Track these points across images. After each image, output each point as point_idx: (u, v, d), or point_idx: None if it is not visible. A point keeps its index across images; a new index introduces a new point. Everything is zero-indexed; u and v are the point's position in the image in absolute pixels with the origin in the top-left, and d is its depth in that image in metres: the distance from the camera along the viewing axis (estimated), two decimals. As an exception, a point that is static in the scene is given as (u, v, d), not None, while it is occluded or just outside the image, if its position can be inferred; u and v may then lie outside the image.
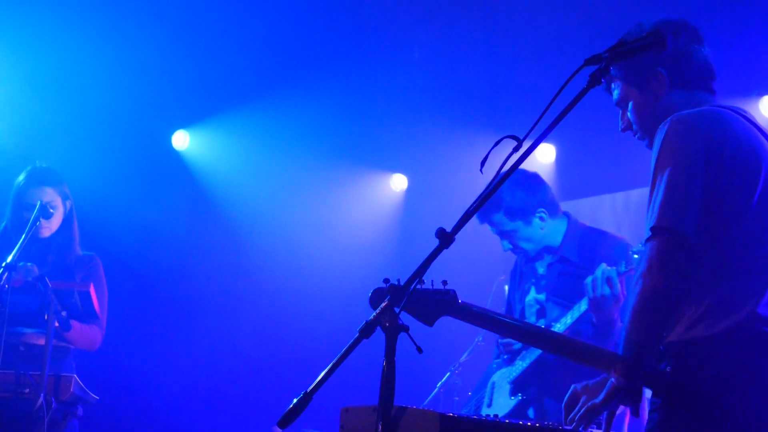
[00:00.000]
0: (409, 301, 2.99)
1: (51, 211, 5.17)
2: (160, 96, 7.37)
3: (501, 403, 4.75)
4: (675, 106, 3.01)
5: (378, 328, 2.52)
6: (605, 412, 2.80)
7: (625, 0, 6.27)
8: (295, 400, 2.46)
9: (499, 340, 5.01)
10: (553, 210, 4.91)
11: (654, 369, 2.80)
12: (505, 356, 4.91)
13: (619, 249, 4.56)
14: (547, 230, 4.87)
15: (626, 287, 4.31)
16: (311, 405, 2.48)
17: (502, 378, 4.81)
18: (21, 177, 5.34)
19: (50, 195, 5.22)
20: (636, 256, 4.24)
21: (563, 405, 2.94)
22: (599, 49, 2.77)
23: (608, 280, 4.26)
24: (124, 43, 6.90)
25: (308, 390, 2.47)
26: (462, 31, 7.01)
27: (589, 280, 4.33)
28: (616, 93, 3.19)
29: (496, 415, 3.22)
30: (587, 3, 6.42)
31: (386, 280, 2.97)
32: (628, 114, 3.19)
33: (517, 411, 4.69)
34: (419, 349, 2.57)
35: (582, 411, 2.81)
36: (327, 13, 7.04)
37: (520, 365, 4.72)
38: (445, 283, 3.24)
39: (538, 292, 4.87)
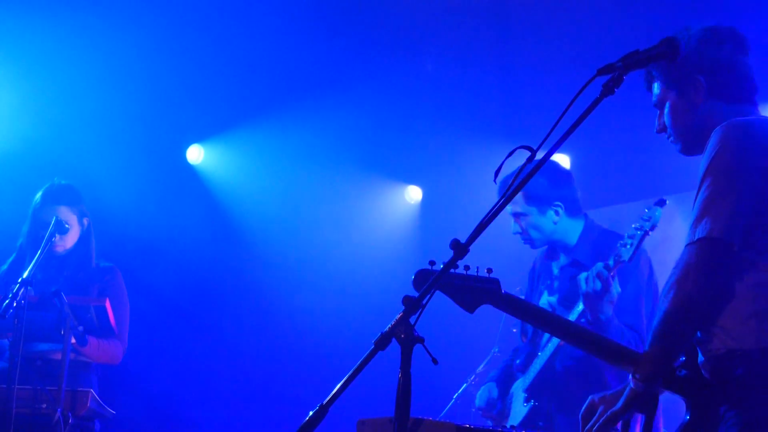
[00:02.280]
0: (451, 286, 2.99)
1: (66, 226, 5.20)
2: (175, 110, 7.39)
3: (516, 412, 4.74)
4: (714, 116, 3.00)
5: (393, 339, 2.52)
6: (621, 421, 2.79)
7: (637, 9, 6.26)
8: (311, 413, 2.46)
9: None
10: (572, 208, 4.88)
11: (684, 373, 2.79)
12: (517, 362, 4.90)
13: None
14: (561, 226, 4.82)
15: (618, 281, 4.29)
16: (327, 417, 2.47)
17: (518, 387, 4.80)
18: (38, 195, 5.37)
19: (65, 214, 5.25)
20: (624, 248, 4.22)
21: (580, 416, 2.93)
22: (614, 58, 2.76)
23: (598, 275, 4.23)
24: (140, 58, 6.93)
25: (324, 402, 2.47)
26: (475, 43, 7.02)
27: (582, 275, 4.32)
28: (654, 94, 3.17)
29: (513, 426, 3.21)
30: (601, 13, 6.41)
31: (432, 262, 2.96)
32: (665, 116, 3.16)
33: (530, 417, 4.65)
34: (435, 361, 2.57)
35: (601, 420, 2.80)
36: (341, 26, 7.06)
37: (533, 372, 4.70)
38: (489, 271, 3.20)
39: (550, 294, 4.85)
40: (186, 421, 7.62)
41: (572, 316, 4.47)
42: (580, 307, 4.38)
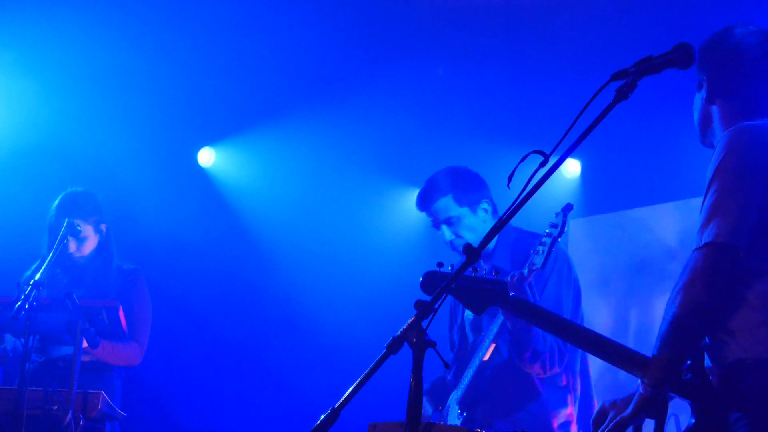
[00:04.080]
0: (459, 288, 2.99)
1: (78, 228, 5.21)
2: (186, 113, 7.41)
3: (452, 424, 4.70)
4: (718, 118, 3.02)
5: (405, 343, 2.52)
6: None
7: (649, 15, 6.25)
8: (322, 416, 2.46)
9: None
10: (494, 208, 4.86)
11: (690, 377, 2.79)
12: (449, 376, 4.84)
13: None
14: (488, 227, 4.79)
15: (534, 289, 4.27)
16: (339, 421, 2.48)
17: (452, 400, 4.73)
18: (53, 206, 5.39)
19: (79, 224, 5.25)
20: (537, 255, 4.20)
21: (591, 421, 2.93)
22: (626, 63, 2.76)
23: (515, 283, 4.19)
24: (151, 61, 6.95)
25: (336, 406, 2.47)
26: (487, 47, 7.01)
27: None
28: None
29: (523, 430, 3.21)
30: (614, 18, 6.40)
31: (440, 264, 2.95)
32: None
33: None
34: (446, 365, 2.57)
35: (611, 425, 2.79)
36: (351, 29, 7.06)
37: (463, 384, 4.63)
38: (497, 273, 3.20)
39: None
40: (198, 424, 7.63)
41: (495, 327, 4.43)
42: (502, 317, 4.36)
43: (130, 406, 5.35)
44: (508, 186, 2.75)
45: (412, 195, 8.52)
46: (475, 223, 4.77)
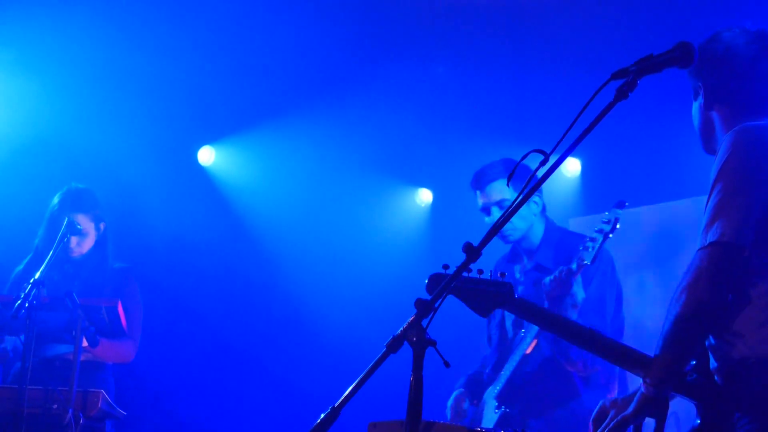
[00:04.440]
0: (464, 290, 2.99)
1: (78, 227, 5.21)
2: (186, 112, 7.41)
3: (488, 419, 4.70)
4: (718, 123, 3.02)
5: (405, 342, 2.52)
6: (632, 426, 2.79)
7: (650, 13, 6.25)
8: (322, 415, 2.46)
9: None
10: (545, 206, 4.88)
11: (694, 378, 2.79)
12: (487, 370, 4.87)
13: None
14: (535, 222, 4.81)
15: (581, 285, 4.29)
16: (339, 420, 2.48)
17: (489, 395, 4.77)
18: (55, 199, 5.40)
19: (82, 220, 5.27)
20: (587, 251, 4.20)
21: (591, 420, 2.93)
22: (627, 62, 2.76)
23: (562, 279, 4.24)
24: (151, 59, 6.94)
25: (336, 405, 2.47)
26: (487, 46, 7.01)
27: (546, 279, 4.31)
28: None
29: (523, 430, 3.21)
30: (614, 16, 6.40)
31: (446, 266, 2.96)
32: None
33: (501, 424, 4.62)
34: (447, 364, 2.57)
35: (612, 424, 2.79)
36: (351, 28, 7.05)
37: (502, 379, 4.67)
38: (502, 275, 3.20)
39: None
40: (197, 423, 7.63)
41: None
42: None
43: (129, 405, 5.34)
44: (508, 184, 2.75)
45: (413, 194, 8.58)
46: (526, 213, 4.79)
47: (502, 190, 4.81)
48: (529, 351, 4.55)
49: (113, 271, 5.47)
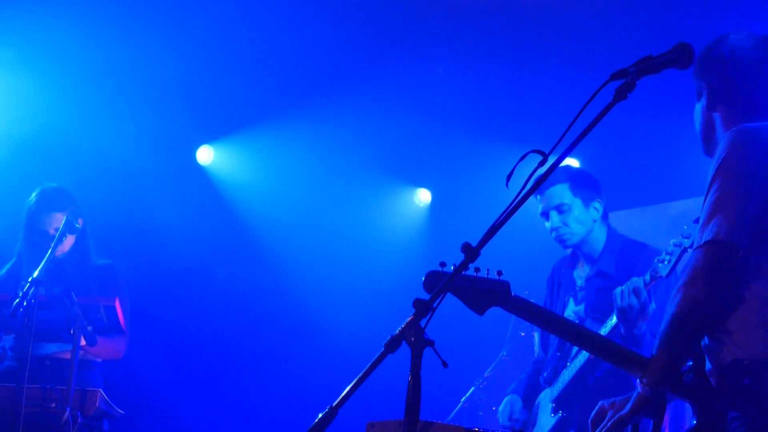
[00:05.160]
0: (461, 288, 2.99)
1: (77, 226, 5.20)
2: (185, 111, 7.40)
3: (543, 422, 4.67)
4: (720, 124, 3.02)
5: (403, 342, 2.52)
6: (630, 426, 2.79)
7: (650, 13, 6.25)
8: (320, 415, 2.46)
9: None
10: (606, 212, 4.85)
11: (690, 378, 2.79)
12: (545, 374, 4.86)
13: None
14: (595, 228, 4.77)
15: (653, 297, 4.27)
16: (337, 419, 2.48)
17: (545, 398, 4.74)
18: (32, 201, 5.37)
19: (60, 220, 5.23)
20: (662, 263, 4.18)
21: (590, 420, 2.93)
22: (626, 62, 2.76)
23: (635, 291, 4.19)
24: (150, 59, 6.94)
25: (334, 404, 2.47)
26: (486, 47, 7.01)
27: (618, 290, 4.27)
28: None
29: (521, 430, 3.21)
30: (614, 17, 6.40)
31: (442, 264, 2.96)
32: None
33: (558, 428, 4.61)
34: (444, 364, 2.57)
35: (609, 424, 2.80)
36: (351, 29, 7.05)
37: (561, 384, 4.64)
38: (500, 273, 3.20)
39: (576, 304, 4.77)
40: (193, 422, 7.63)
41: (604, 330, 4.41)
42: (614, 320, 4.33)
43: (129, 404, 5.35)
44: (506, 185, 2.75)
45: (411, 194, 8.59)
46: (585, 218, 4.76)
47: (562, 195, 4.76)
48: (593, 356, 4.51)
49: (96, 268, 5.44)
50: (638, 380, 2.77)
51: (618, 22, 6.42)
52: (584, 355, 4.55)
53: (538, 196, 4.85)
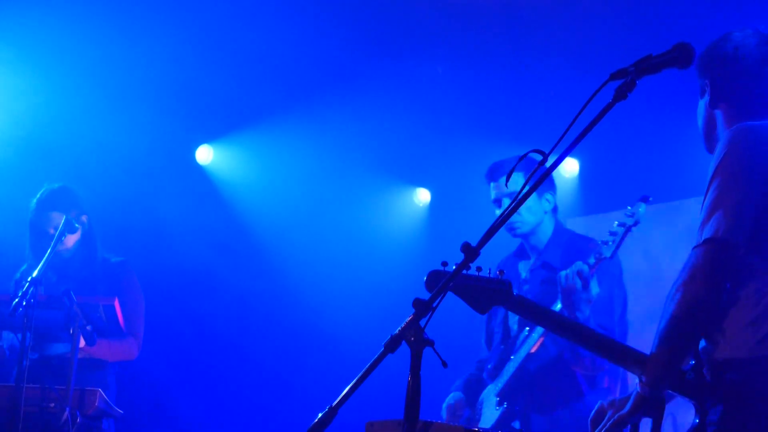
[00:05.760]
0: (463, 287, 3.01)
1: (76, 226, 5.21)
2: (184, 110, 7.40)
3: (487, 416, 4.69)
4: (722, 121, 3.03)
5: (403, 342, 2.52)
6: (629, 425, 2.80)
7: (650, 14, 6.25)
8: (320, 415, 2.46)
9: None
10: (557, 206, 4.89)
11: (692, 376, 2.79)
12: (489, 366, 4.86)
13: None
14: (545, 220, 4.81)
15: (598, 280, 4.30)
16: (336, 419, 2.47)
17: (489, 393, 4.76)
18: (33, 202, 5.39)
19: (59, 219, 5.23)
20: (606, 245, 4.21)
21: (589, 420, 2.94)
22: (626, 62, 2.76)
23: (579, 273, 4.22)
24: (149, 58, 6.94)
25: (333, 404, 2.47)
26: (486, 46, 7.01)
27: (562, 273, 4.31)
28: None
29: (520, 430, 3.21)
30: (614, 16, 6.40)
31: (444, 263, 2.97)
32: None
33: (503, 420, 4.62)
34: (444, 364, 2.57)
35: (608, 424, 2.80)
36: (350, 28, 7.05)
37: (505, 376, 4.66)
38: (501, 273, 3.22)
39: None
40: (195, 421, 7.64)
41: None
42: (558, 306, 4.35)
43: (128, 403, 5.34)
44: (506, 184, 2.76)
45: (411, 194, 8.58)
46: (537, 209, 4.81)
47: (516, 183, 4.80)
48: (534, 350, 4.55)
49: (109, 265, 5.45)
50: (637, 379, 2.77)
51: (618, 22, 6.42)
52: (525, 349, 4.58)
53: (492, 183, 4.92)
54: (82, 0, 6.49)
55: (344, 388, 2.48)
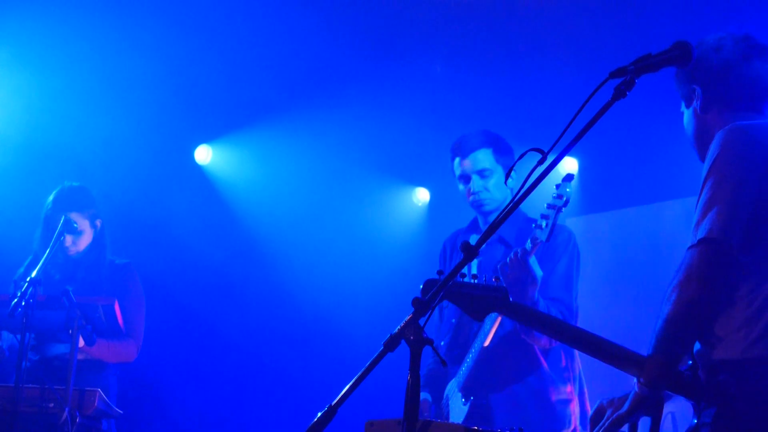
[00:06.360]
0: (459, 294, 3.03)
1: (75, 225, 5.21)
2: (183, 110, 7.39)
3: (456, 412, 4.68)
4: (715, 125, 3.02)
5: (402, 341, 2.52)
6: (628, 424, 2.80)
7: (651, 13, 6.25)
8: (319, 414, 2.46)
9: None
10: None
11: (689, 376, 2.79)
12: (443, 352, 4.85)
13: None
14: (508, 198, 4.80)
15: (538, 263, 4.32)
16: (336, 418, 2.47)
17: (452, 388, 4.75)
18: (49, 199, 5.39)
19: (76, 218, 5.26)
20: (540, 229, 4.22)
21: (589, 419, 2.94)
22: (625, 61, 2.76)
23: (517, 260, 4.27)
24: (148, 57, 6.93)
25: (333, 403, 2.47)
26: (484, 46, 7.01)
27: (500, 265, 4.35)
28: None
29: (520, 429, 3.21)
30: (613, 16, 6.40)
31: (440, 272, 2.99)
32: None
33: (472, 413, 4.62)
34: (444, 363, 2.57)
35: (607, 423, 2.81)
36: (349, 27, 7.05)
37: (464, 370, 4.65)
38: (497, 279, 3.23)
39: (476, 270, 4.79)
40: (195, 422, 7.63)
41: None
42: None
43: (127, 404, 5.34)
44: (505, 183, 2.76)
45: (410, 193, 8.58)
46: (504, 186, 4.82)
47: (485, 159, 4.84)
48: (487, 342, 4.55)
49: (114, 267, 5.47)
50: (635, 379, 2.77)
51: (618, 22, 6.42)
52: (479, 342, 4.58)
53: (458, 158, 4.94)
54: (81, 1, 6.49)
55: (344, 387, 2.48)
